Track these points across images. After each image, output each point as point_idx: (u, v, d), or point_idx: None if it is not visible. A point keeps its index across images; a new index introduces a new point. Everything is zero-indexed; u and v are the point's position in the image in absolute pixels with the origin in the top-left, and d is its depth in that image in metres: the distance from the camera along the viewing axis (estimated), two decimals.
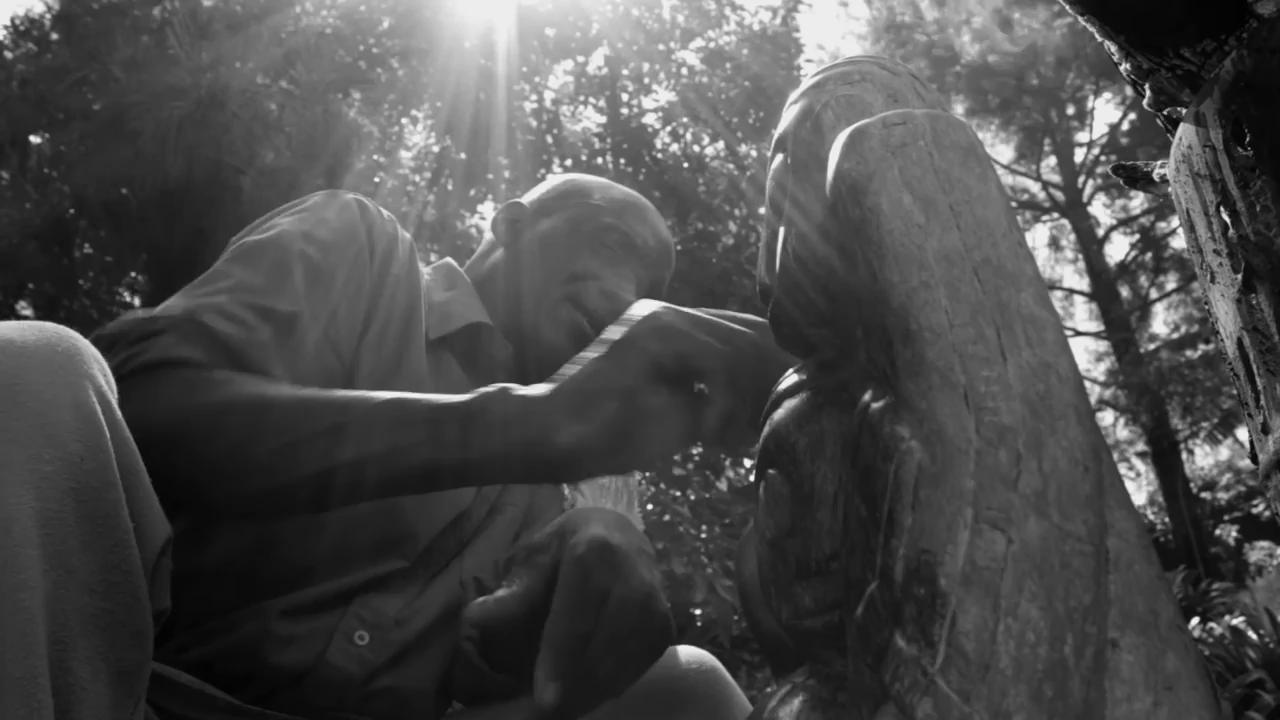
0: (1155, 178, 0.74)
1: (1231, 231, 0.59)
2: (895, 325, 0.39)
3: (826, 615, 0.44)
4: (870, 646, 0.38)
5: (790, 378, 0.51)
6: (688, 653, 0.94)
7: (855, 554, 0.40)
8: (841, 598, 0.43)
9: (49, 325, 0.61)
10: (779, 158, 0.53)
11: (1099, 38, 0.68)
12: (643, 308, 0.72)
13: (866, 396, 0.41)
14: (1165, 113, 0.68)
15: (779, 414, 0.49)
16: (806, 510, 0.45)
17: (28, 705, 0.50)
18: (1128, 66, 0.68)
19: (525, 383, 1.02)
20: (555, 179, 1.18)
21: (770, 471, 0.48)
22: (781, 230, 0.51)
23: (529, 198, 1.15)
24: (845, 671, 0.43)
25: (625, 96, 8.87)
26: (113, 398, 0.61)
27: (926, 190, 0.41)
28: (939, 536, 0.36)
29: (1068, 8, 0.67)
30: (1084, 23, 0.67)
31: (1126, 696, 0.35)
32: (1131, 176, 0.78)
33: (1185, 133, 0.63)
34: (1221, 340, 0.64)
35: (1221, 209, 0.60)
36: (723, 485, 6.75)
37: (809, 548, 0.45)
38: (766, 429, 0.50)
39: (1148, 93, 0.68)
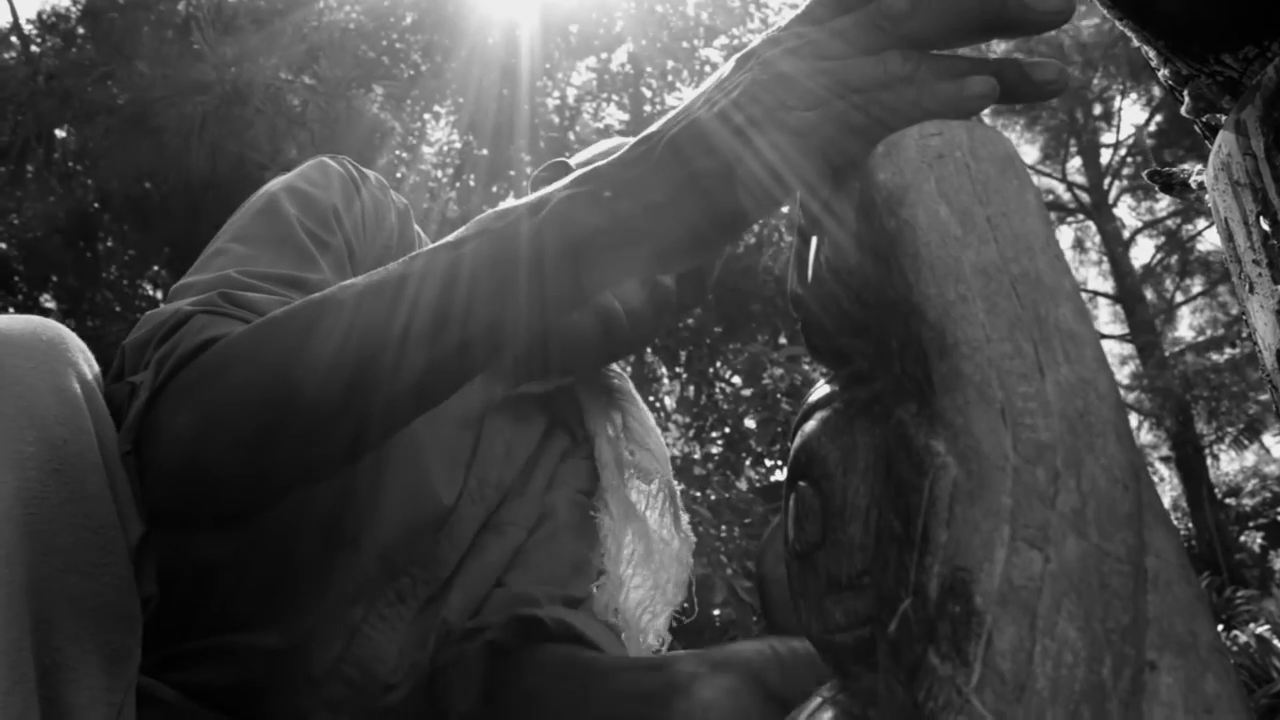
0: (1191, 184, 0.73)
1: (1272, 241, 0.58)
2: (931, 339, 0.39)
3: (857, 630, 0.44)
4: (903, 663, 0.38)
5: (822, 389, 0.50)
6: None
7: (888, 569, 0.40)
8: (873, 613, 0.43)
9: (35, 317, 0.62)
10: None
11: (1136, 42, 0.67)
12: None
13: (900, 410, 0.41)
14: (1204, 119, 0.67)
15: (810, 425, 0.48)
16: (838, 524, 0.45)
17: (10, 678, 0.51)
18: (1166, 72, 0.67)
19: (545, 369, 0.97)
20: (607, 142, 1.09)
21: (800, 483, 0.47)
22: (814, 239, 0.50)
23: (576, 159, 1.07)
24: (876, 687, 0.43)
25: (648, 93, 8.85)
26: (98, 388, 0.62)
27: (964, 202, 0.41)
28: (975, 554, 0.36)
29: (1105, 12, 0.66)
30: (1122, 27, 0.66)
31: (1165, 719, 0.34)
32: (1167, 183, 0.77)
33: (1225, 140, 0.62)
34: (1259, 352, 0.63)
35: (1262, 218, 0.59)
36: (742, 485, 6.73)
37: (840, 562, 0.44)
38: (797, 440, 0.49)
39: (1186, 99, 0.67)
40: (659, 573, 0.98)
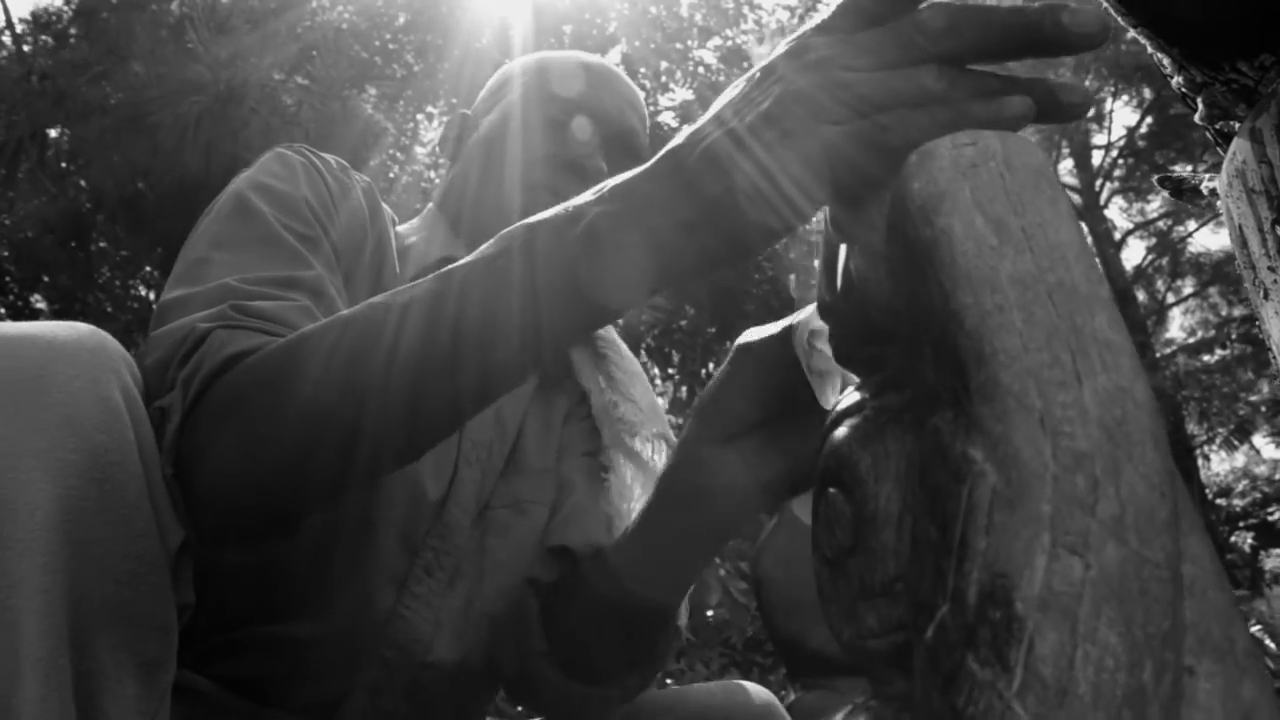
0: (1203, 191, 0.74)
1: None
2: (968, 348, 0.39)
3: (891, 636, 0.44)
4: (940, 669, 0.38)
5: (852, 396, 0.50)
6: (743, 688, 0.90)
7: (924, 576, 0.40)
8: (907, 619, 0.43)
9: (79, 324, 0.62)
10: None
11: (1150, 49, 0.68)
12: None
13: (935, 417, 0.41)
14: (1217, 126, 0.68)
15: (840, 432, 0.49)
16: (870, 530, 0.45)
17: (47, 685, 0.52)
18: (1180, 80, 0.67)
19: None
20: (498, 74, 1.07)
21: (831, 490, 0.48)
22: (843, 247, 0.51)
23: (475, 106, 1.06)
24: (908, 693, 0.43)
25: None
26: (140, 397, 0.62)
27: (998, 212, 0.41)
28: (1015, 560, 0.36)
29: (1120, 20, 0.66)
30: (1136, 34, 0.67)
31: None
32: (1177, 188, 0.77)
33: (1239, 147, 0.63)
34: (1274, 358, 0.64)
35: (1277, 226, 0.60)
36: None
37: (873, 568, 0.45)
38: (826, 447, 0.50)
39: (1200, 106, 0.67)
40: None
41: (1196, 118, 0.70)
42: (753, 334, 0.70)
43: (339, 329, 0.62)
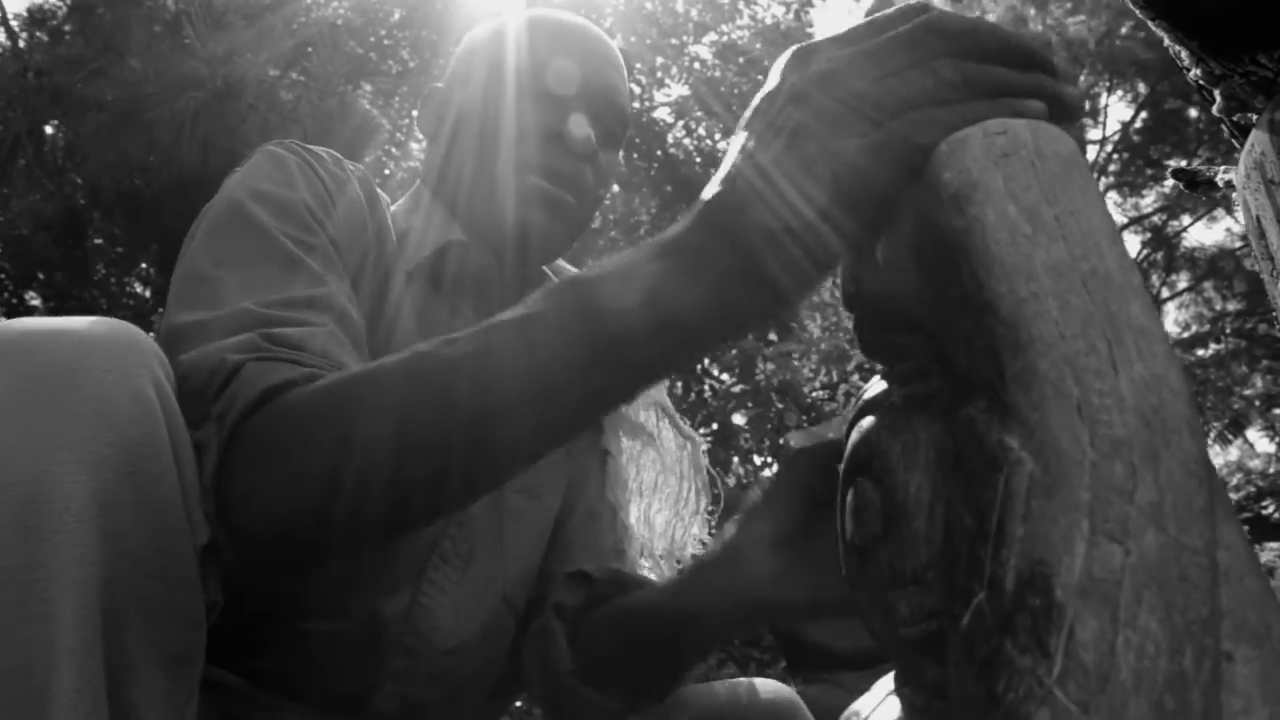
0: (1219, 183, 0.74)
1: None
2: (1004, 336, 0.39)
3: (923, 624, 0.44)
4: (976, 656, 0.38)
5: (877, 385, 0.51)
6: (764, 685, 0.91)
7: (959, 563, 0.40)
8: (939, 607, 0.43)
9: (113, 320, 0.61)
10: None
11: (1169, 42, 0.68)
12: None
13: (968, 406, 0.41)
14: (1235, 119, 0.68)
15: (868, 420, 0.49)
16: (901, 518, 0.45)
17: (82, 676, 0.52)
18: (1197, 72, 0.68)
19: (515, 292, 0.87)
20: (467, 41, 1.04)
21: (859, 478, 0.48)
22: None
23: (448, 82, 1.03)
24: (940, 679, 0.43)
25: (638, 90, 8.85)
26: (171, 391, 0.62)
27: (1031, 200, 0.42)
28: (1054, 548, 0.36)
29: (1138, 12, 0.66)
30: (1155, 27, 0.67)
31: (1243, 709, 0.35)
32: (1192, 181, 0.78)
33: (1258, 139, 0.63)
34: None
35: None
36: (731, 481, 6.75)
37: (904, 556, 0.45)
38: (854, 436, 0.50)
39: (1218, 98, 0.67)
40: (682, 482, 0.99)
41: (1214, 110, 0.70)
42: (803, 438, 0.71)
43: (381, 379, 0.61)
